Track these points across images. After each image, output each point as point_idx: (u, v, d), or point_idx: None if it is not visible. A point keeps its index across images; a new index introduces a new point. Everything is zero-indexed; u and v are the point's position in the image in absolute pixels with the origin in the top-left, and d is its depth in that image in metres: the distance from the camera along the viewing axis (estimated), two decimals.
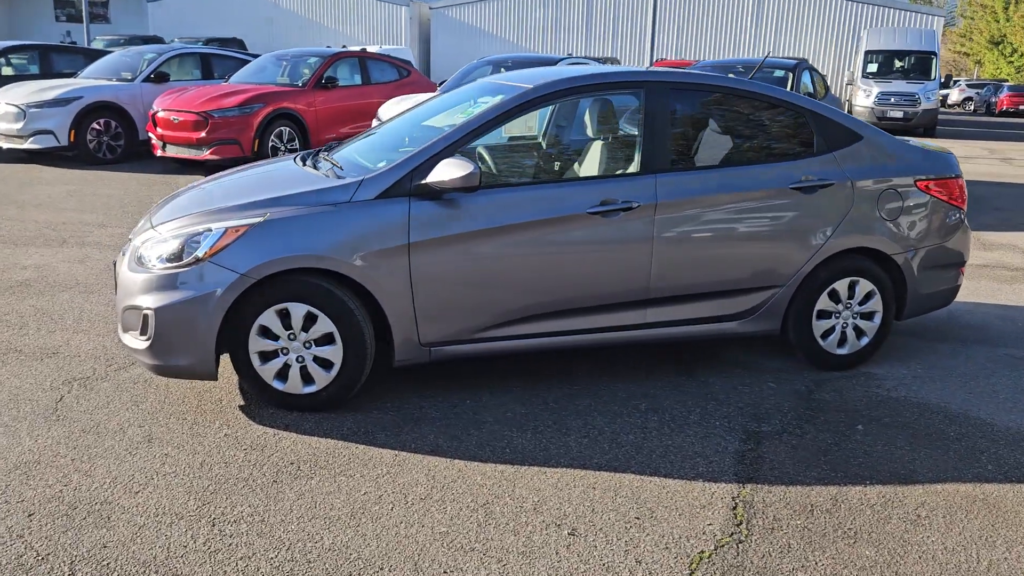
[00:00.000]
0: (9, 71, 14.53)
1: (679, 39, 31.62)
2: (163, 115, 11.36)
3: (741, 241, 4.36)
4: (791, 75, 11.17)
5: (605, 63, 20.89)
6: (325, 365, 3.92)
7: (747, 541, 3.03)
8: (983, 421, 4.09)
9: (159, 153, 11.58)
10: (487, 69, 11.73)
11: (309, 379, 3.93)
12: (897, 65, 23.22)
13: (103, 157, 12.17)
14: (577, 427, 3.90)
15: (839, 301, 4.60)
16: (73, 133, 11.79)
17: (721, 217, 4.31)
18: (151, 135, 11.68)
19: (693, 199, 4.25)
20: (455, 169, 3.82)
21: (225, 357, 4.28)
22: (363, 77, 13.04)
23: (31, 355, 4.62)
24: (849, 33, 30.05)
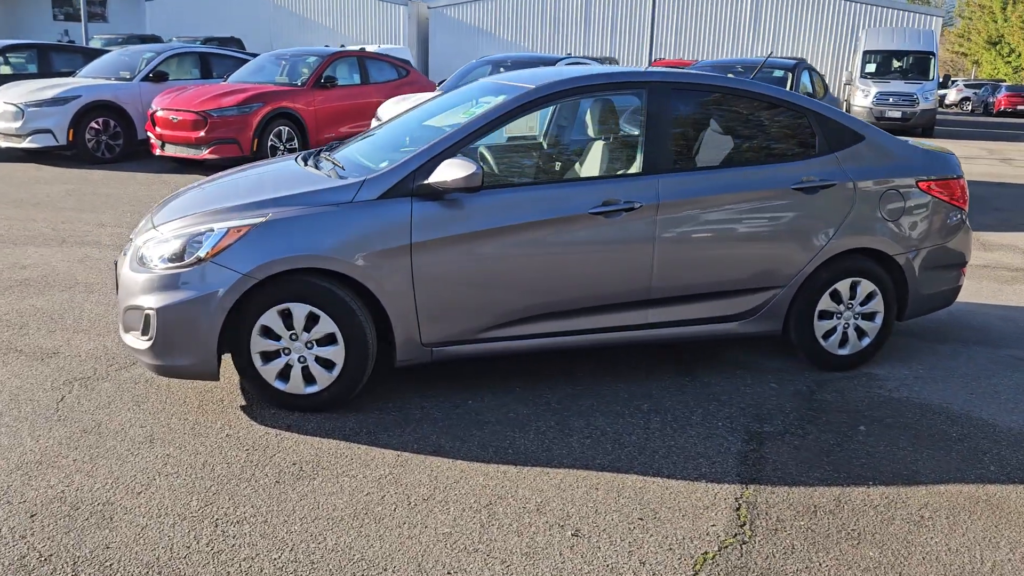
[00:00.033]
0: (7, 70, 14.50)
1: (677, 39, 31.63)
2: (162, 114, 11.35)
3: (743, 242, 4.36)
4: (790, 75, 11.17)
5: (604, 63, 20.90)
6: (327, 365, 3.91)
7: (751, 542, 3.02)
8: (985, 422, 4.09)
9: (158, 152, 11.57)
10: (486, 69, 11.72)
11: (311, 379, 3.93)
12: (895, 65, 23.24)
13: (102, 156, 12.15)
14: (579, 427, 3.90)
15: (841, 302, 4.60)
16: (72, 132, 11.77)
17: (723, 218, 4.31)
18: (150, 134, 11.67)
19: (695, 200, 4.25)
20: (457, 169, 3.82)
21: (226, 357, 4.27)
22: (362, 76, 13.03)
23: (32, 355, 4.61)
24: (847, 33, 30.07)
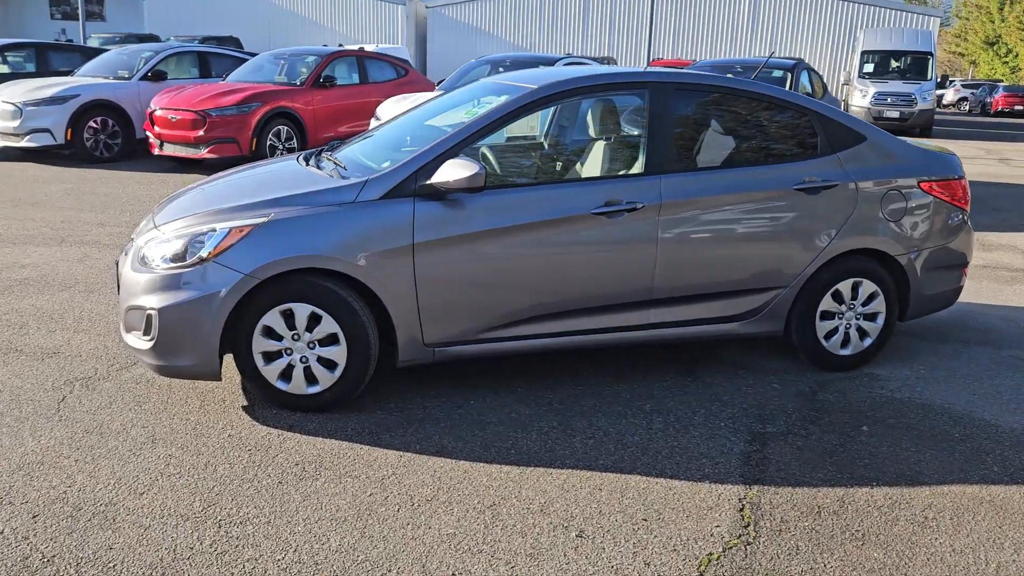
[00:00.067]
0: (5, 69, 14.47)
1: (676, 39, 31.64)
2: (161, 113, 11.33)
3: (745, 242, 4.36)
4: (790, 75, 11.17)
5: (603, 63, 20.90)
6: (329, 366, 3.90)
7: (755, 543, 3.02)
8: (987, 422, 4.09)
9: (156, 152, 11.55)
10: (485, 68, 11.72)
11: (313, 379, 3.92)
12: (893, 65, 23.27)
13: (100, 156, 12.13)
14: (582, 428, 3.90)
15: (842, 302, 4.60)
16: (70, 131, 11.75)
17: (725, 218, 4.31)
18: (148, 133, 11.65)
19: (697, 200, 4.24)
20: (460, 169, 3.81)
21: (227, 357, 4.26)
22: (361, 76, 13.02)
23: (32, 355, 4.60)
24: (845, 33, 30.10)
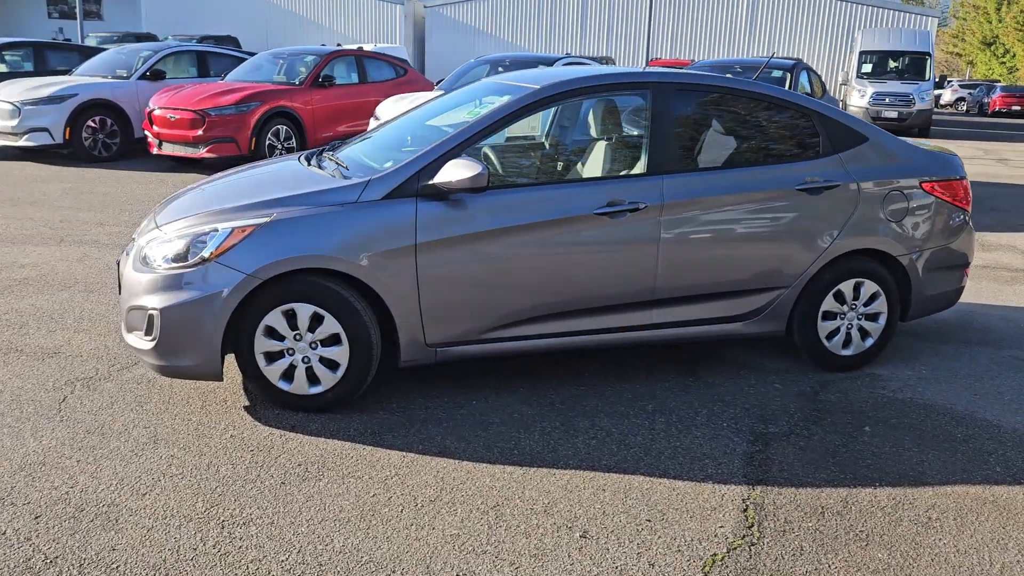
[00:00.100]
0: (3, 68, 14.43)
1: (674, 39, 31.66)
2: (159, 113, 11.31)
3: (747, 242, 4.36)
4: (789, 75, 11.17)
5: (602, 63, 20.90)
6: (331, 366, 3.90)
7: (759, 544, 3.02)
8: (989, 423, 4.09)
9: (155, 151, 11.54)
10: (484, 68, 11.71)
11: (315, 380, 3.91)
12: (891, 65, 23.29)
13: (98, 155, 12.12)
14: (584, 428, 3.89)
15: (844, 302, 4.60)
16: (68, 130, 11.75)
17: (727, 218, 4.31)
18: (147, 133, 11.64)
19: (699, 200, 4.24)
20: (463, 170, 3.80)
21: (229, 358, 4.25)
22: (360, 76, 13.01)
23: (32, 355, 4.59)
24: (843, 33, 30.13)
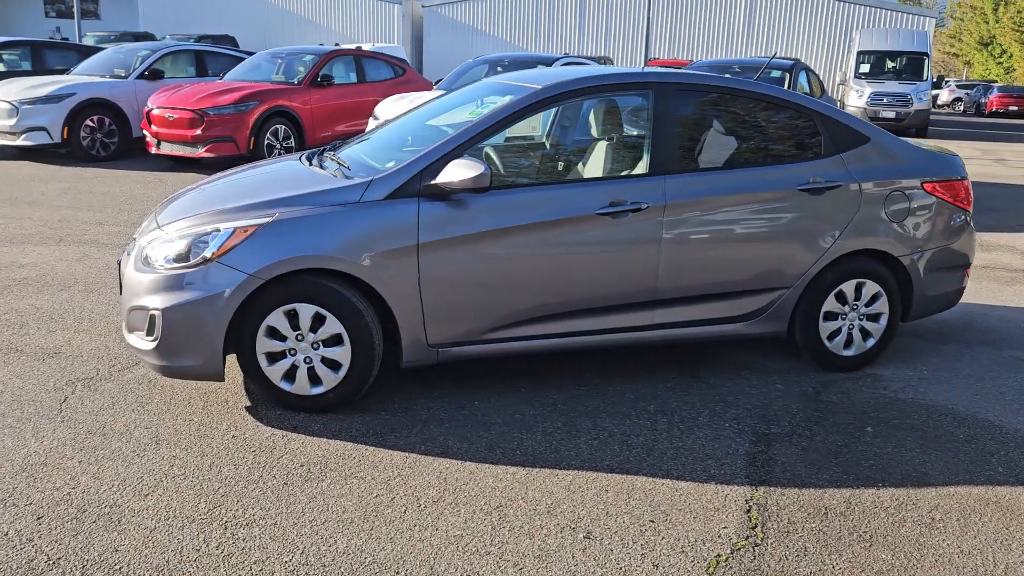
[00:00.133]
0: (1, 67, 14.40)
1: (672, 39, 31.67)
2: (158, 112, 11.29)
3: (749, 243, 4.35)
4: (788, 75, 11.18)
5: (600, 63, 20.90)
6: (333, 366, 3.89)
7: (763, 544, 3.02)
8: (991, 423, 4.10)
9: (154, 151, 11.51)
10: (483, 68, 11.70)
11: (317, 380, 3.90)
12: (889, 66, 23.32)
13: (96, 154, 12.10)
14: (587, 429, 3.89)
15: (846, 303, 4.60)
16: (66, 130, 11.72)
17: (729, 219, 4.30)
18: (145, 132, 11.61)
19: (702, 200, 4.24)
20: (466, 170, 3.80)
21: (230, 358, 4.24)
22: (359, 75, 13.00)
23: (33, 355, 4.57)
24: (840, 34, 30.17)
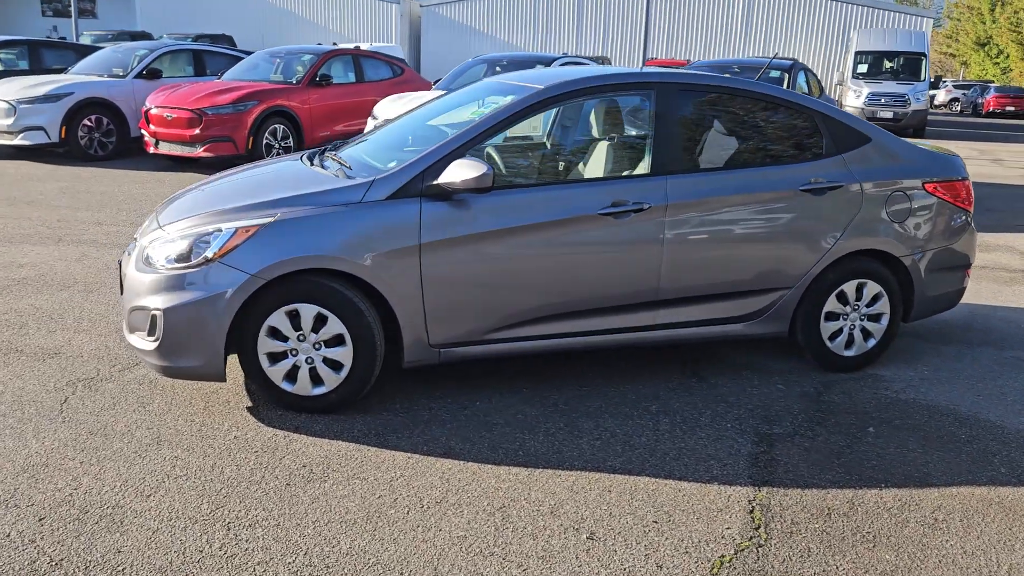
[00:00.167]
0: None
1: (670, 39, 31.68)
2: (156, 112, 11.27)
3: (751, 243, 4.35)
4: (787, 76, 11.18)
5: (600, 62, 20.90)
6: (335, 366, 3.88)
7: (767, 545, 3.01)
8: (993, 424, 4.10)
9: (152, 150, 11.49)
10: (482, 68, 11.70)
11: (318, 380, 3.89)
12: (887, 66, 23.34)
13: (94, 154, 12.07)
14: (589, 429, 3.88)
15: (847, 303, 4.60)
16: (64, 129, 11.69)
17: (731, 219, 4.30)
18: (144, 132, 11.59)
19: (704, 201, 4.24)
20: (468, 170, 3.79)
21: (231, 358, 4.23)
22: (357, 75, 12.98)
23: (33, 355, 4.56)
24: (838, 34, 30.19)
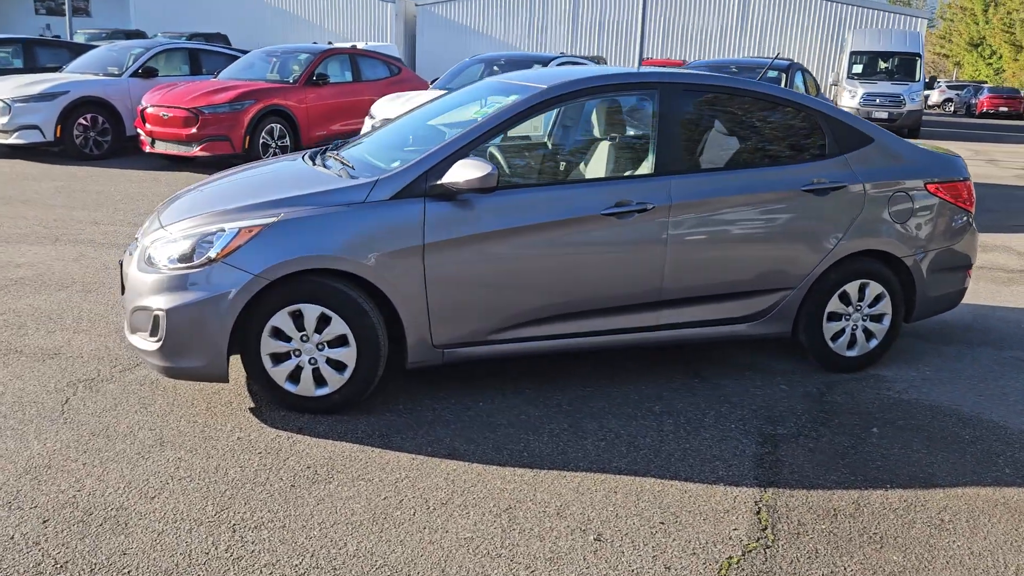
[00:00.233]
0: None
1: (666, 39, 31.69)
2: (152, 111, 11.23)
3: (754, 243, 4.35)
4: (784, 76, 11.19)
5: (597, 62, 20.90)
6: (338, 367, 3.86)
7: (774, 546, 3.01)
8: (996, 424, 4.10)
9: (148, 149, 11.44)
10: (479, 68, 11.68)
11: (322, 381, 3.88)
12: (882, 66, 23.39)
13: (90, 153, 12.01)
14: (593, 430, 3.88)
15: (849, 303, 4.60)
16: (59, 128, 11.63)
17: (734, 219, 4.30)
18: (139, 131, 11.54)
19: (707, 201, 4.23)
20: (473, 170, 3.78)
21: (234, 358, 4.21)
22: (354, 74, 12.95)
23: (32, 356, 4.53)
24: (833, 34, 30.24)
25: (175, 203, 4.27)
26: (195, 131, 10.91)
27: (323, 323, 3.79)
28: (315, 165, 4.41)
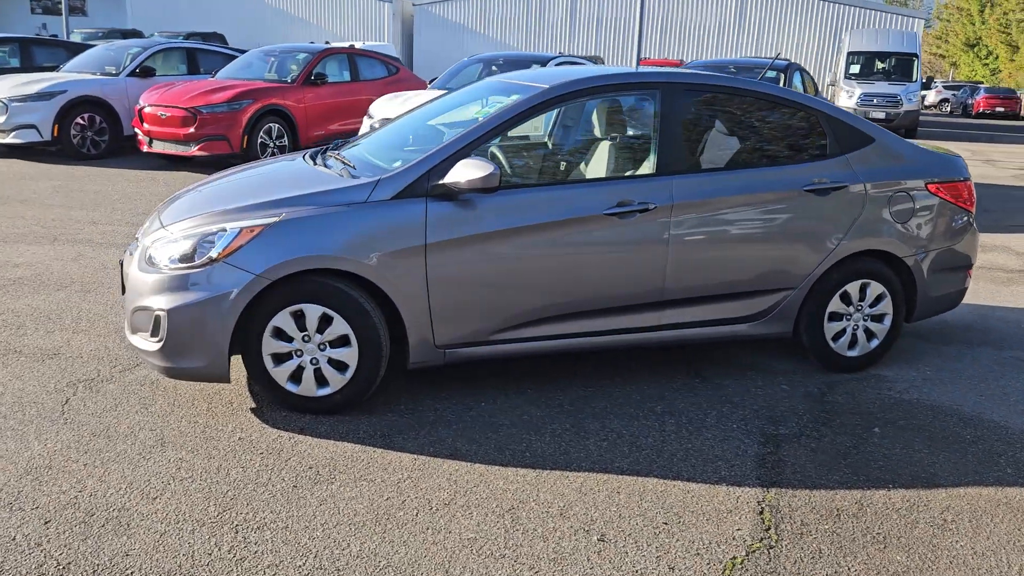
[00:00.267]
0: None
1: (663, 38, 31.71)
2: (150, 110, 11.21)
3: (755, 243, 4.35)
4: (783, 76, 11.20)
5: (594, 62, 20.90)
6: (340, 367, 3.85)
7: (778, 546, 3.01)
8: (997, 424, 4.11)
9: (145, 149, 11.42)
10: (477, 67, 11.68)
11: (323, 381, 3.87)
12: (879, 66, 23.43)
13: (87, 152, 11.98)
14: (595, 430, 3.87)
15: (850, 303, 4.60)
16: (57, 128, 11.60)
17: (736, 219, 4.30)
18: (137, 131, 11.52)
19: (709, 201, 4.23)
20: (475, 170, 3.77)
21: (235, 359, 4.20)
22: (352, 74, 12.94)
23: (32, 356, 4.52)
24: (830, 34, 30.28)
25: (175, 203, 4.26)
26: (193, 131, 10.90)
27: (325, 323, 3.79)
28: (316, 165, 4.40)
